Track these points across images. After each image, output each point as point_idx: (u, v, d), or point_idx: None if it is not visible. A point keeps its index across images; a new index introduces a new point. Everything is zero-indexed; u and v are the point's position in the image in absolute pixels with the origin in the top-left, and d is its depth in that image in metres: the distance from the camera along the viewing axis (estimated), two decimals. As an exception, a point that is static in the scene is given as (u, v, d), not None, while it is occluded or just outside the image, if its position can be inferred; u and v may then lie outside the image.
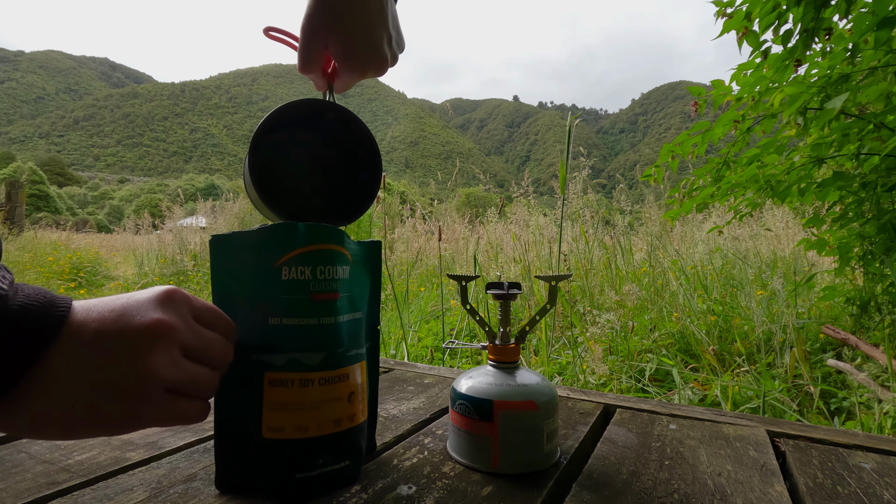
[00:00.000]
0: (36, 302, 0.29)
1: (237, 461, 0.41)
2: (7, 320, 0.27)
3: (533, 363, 1.79)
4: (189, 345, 0.33)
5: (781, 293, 2.05)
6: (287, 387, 0.39)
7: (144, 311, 0.31)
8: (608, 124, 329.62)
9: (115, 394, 0.30)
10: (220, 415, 0.41)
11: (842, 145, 1.42)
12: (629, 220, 3.16)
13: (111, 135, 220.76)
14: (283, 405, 0.39)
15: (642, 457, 0.49)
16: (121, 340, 0.30)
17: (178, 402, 0.33)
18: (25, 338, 0.28)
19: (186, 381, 0.33)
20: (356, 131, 0.51)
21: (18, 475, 0.44)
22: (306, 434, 0.39)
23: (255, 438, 0.39)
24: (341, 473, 0.42)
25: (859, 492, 0.43)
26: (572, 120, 1.69)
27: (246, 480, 0.41)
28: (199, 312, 0.35)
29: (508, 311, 0.50)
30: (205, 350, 0.35)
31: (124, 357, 0.30)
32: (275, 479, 0.39)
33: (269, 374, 0.39)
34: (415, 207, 4.52)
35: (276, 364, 0.39)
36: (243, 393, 0.40)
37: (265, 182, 0.47)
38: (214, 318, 0.37)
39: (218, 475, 0.41)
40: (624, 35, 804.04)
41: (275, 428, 0.39)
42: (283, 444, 0.39)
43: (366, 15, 0.47)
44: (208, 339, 0.35)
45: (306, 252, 0.40)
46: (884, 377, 1.39)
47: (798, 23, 1.27)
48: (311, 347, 0.40)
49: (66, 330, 0.29)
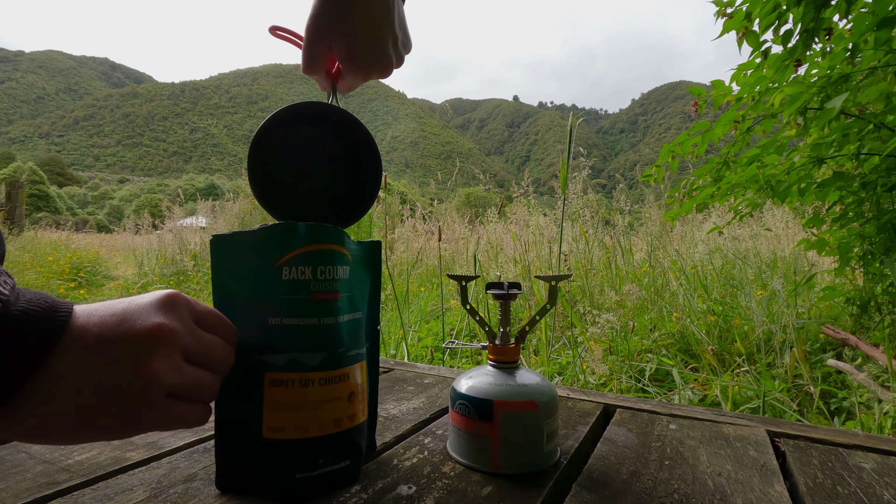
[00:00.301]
0: (38, 307, 0.29)
1: (238, 461, 0.41)
2: (9, 326, 0.27)
3: (533, 363, 1.79)
4: (190, 349, 0.33)
5: (781, 293, 2.05)
6: (287, 387, 0.39)
7: (146, 316, 0.31)
8: (608, 124, 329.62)
9: (117, 398, 0.30)
10: (221, 415, 0.41)
11: (842, 145, 1.42)
12: (629, 220, 3.16)
13: (111, 135, 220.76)
14: (284, 405, 0.39)
15: (642, 457, 0.49)
16: (122, 345, 0.30)
17: (180, 407, 0.33)
18: (27, 343, 0.28)
19: (188, 386, 0.33)
20: (357, 133, 0.51)
21: (18, 475, 0.44)
22: (307, 434, 0.39)
23: (256, 439, 0.39)
24: (341, 473, 0.42)
25: (859, 492, 0.43)
26: (574, 120, 1.69)
27: (246, 481, 0.41)
28: (199, 316, 0.35)
29: (508, 311, 0.50)
30: (206, 354, 0.35)
31: (126, 361, 0.30)
32: (275, 479, 0.39)
33: (270, 374, 0.39)
34: (415, 207, 4.52)
35: (277, 364, 0.39)
36: (244, 393, 0.40)
37: (264, 183, 0.48)
38: (215, 321, 0.37)
39: (218, 475, 0.41)
40: (624, 35, 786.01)
41: (275, 428, 0.39)
42: (283, 445, 0.39)
43: (371, 16, 0.46)
44: (209, 343, 0.35)
45: (306, 252, 0.40)
46: (884, 377, 1.39)
47: (798, 23, 1.27)
48: (311, 347, 0.40)
49: (68, 335, 0.29)
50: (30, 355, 0.28)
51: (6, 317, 0.27)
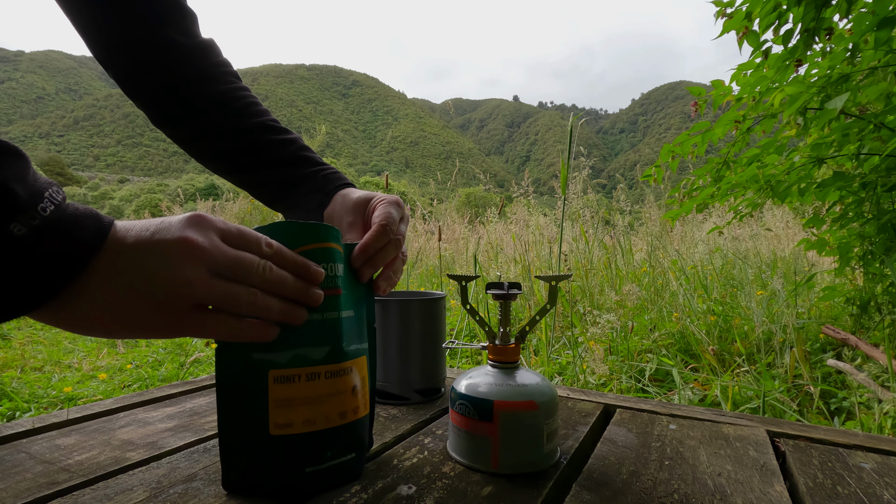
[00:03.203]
0: (86, 214, 0.32)
1: (244, 461, 0.41)
2: (65, 225, 0.30)
3: (533, 363, 1.79)
4: (219, 263, 0.35)
5: (781, 293, 2.05)
6: (293, 382, 0.40)
7: (174, 230, 0.34)
8: (608, 124, 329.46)
9: (147, 304, 0.33)
10: (224, 416, 0.41)
11: (842, 145, 1.42)
12: (629, 220, 3.16)
13: (111, 135, 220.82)
14: (290, 401, 0.40)
15: (642, 457, 0.49)
16: (154, 255, 0.33)
17: (212, 317, 0.35)
18: (81, 241, 0.31)
19: (218, 297, 0.35)
20: None
21: (18, 475, 0.44)
22: (314, 427, 0.40)
23: (263, 437, 0.39)
24: (347, 466, 0.43)
25: (859, 492, 0.43)
26: (574, 120, 1.69)
27: (254, 479, 0.41)
28: (227, 235, 0.37)
29: (508, 311, 0.50)
30: (234, 267, 0.36)
31: (157, 270, 0.33)
32: (285, 474, 0.40)
33: (273, 371, 0.39)
34: (415, 207, 4.52)
35: (280, 361, 0.40)
36: (247, 393, 0.40)
37: None
38: (243, 240, 0.37)
39: (224, 476, 0.41)
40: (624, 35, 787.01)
41: (282, 424, 0.39)
42: (292, 440, 0.40)
43: None
44: (236, 258, 0.36)
45: (311, 249, 0.41)
46: (884, 377, 1.39)
47: (798, 22, 1.26)
48: (316, 342, 0.41)
49: (111, 239, 0.32)
50: (81, 254, 0.31)
51: (62, 218, 0.30)
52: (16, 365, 1.99)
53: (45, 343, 2.42)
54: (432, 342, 0.68)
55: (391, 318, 0.66)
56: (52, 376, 1.84)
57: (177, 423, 0.58)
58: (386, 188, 3.12)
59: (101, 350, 2.27)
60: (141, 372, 1.89)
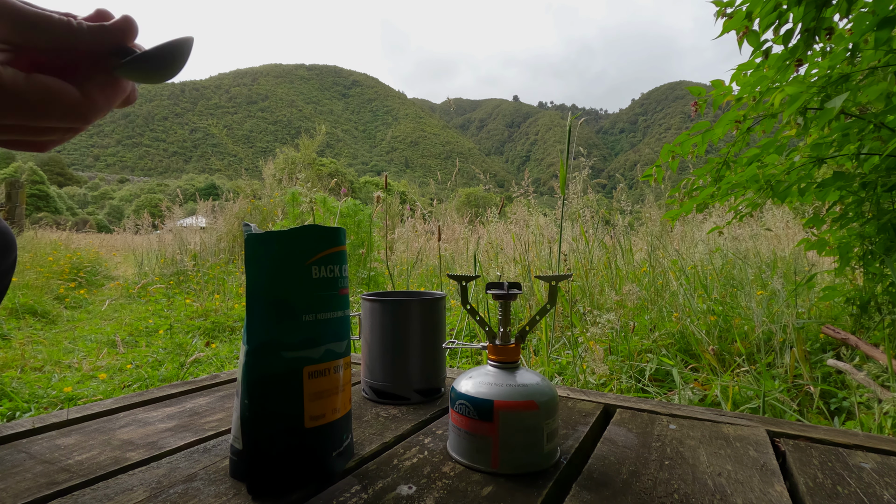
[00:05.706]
0: None
1: (274, 450, 0.41)
2: None
3: (533, 363, 1.79)
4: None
5: (781, 293, 2.05)
6: (325, 375, 0.43)
7: None
8: (608, 124, 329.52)
9: None
10: (253, 413, 0.41)
11: (842, 145, 1.42)
12: (629, 220, 3.16)
13: (111, 135, 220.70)
14: (321, 393, 0.43)
15: (642, 457, 0.49)
16: None
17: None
18: None
19: None
20: None
21: (18, 475, 0.44)
22: (337, 415, 0.44)
23: (298, 429, 0.42)
24: (350, 447, 0.47)
25: (859, 492, 0.43)
26: (573, 120, 1.69)
27: (283, 467, 0.42)
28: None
29: (508, 311, 0.50)
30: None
31: None
32: (317, 461, 0.43)
33: (309, 367, 0.42)
34: (415, 207, 4.52)
35: (314, 357, 0.43)
36: (282, 390, 0.42)
37: None
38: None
39: (250, 473, 0.41)
40: (624, 34, 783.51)
41: (316, 416, 0.43)
42: (323, 429, 0.43)
43: None
44: None
45: (330, 253, 0.45)
46: (884, 377, 1.39)
47: (799, 22, 1.26)
48: (340, 337, 0.45)
49: None
50: None
51: None
52: (16, 365, 1.99)
53: (45, 343, 2.42)
54: (432, 342, 0.68)
55: (391, 318, 0.66)
56: (52, 376, 1.84)
57: (177, 423, 0.58)
58: (385, 188, 3.12)
59: (101, 350, 2.27)
60: (141, 372, 1.89)
